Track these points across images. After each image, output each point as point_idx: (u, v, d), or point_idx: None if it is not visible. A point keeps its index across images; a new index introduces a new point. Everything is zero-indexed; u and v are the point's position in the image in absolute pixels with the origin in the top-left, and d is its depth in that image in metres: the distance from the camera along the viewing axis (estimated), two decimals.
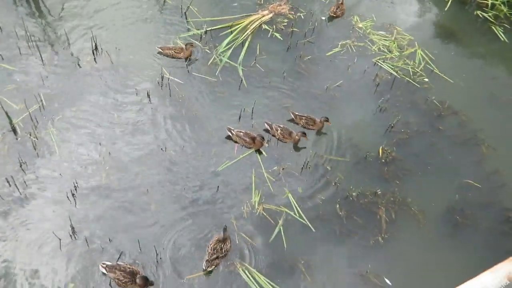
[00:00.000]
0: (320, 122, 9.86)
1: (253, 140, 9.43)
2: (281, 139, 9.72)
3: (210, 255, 7.80)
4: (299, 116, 9.93)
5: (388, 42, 12.08)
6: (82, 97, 9.96)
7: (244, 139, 9.44)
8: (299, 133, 9.59)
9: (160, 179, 8.92)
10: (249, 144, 9.47)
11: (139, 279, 7.35)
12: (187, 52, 10.82)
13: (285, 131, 9.68)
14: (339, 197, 9.06)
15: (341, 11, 12.58)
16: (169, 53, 10.80)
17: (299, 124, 9.96)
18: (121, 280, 7.38)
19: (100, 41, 10.86)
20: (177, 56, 10.83)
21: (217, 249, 7.84)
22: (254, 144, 9.45)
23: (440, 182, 9.51)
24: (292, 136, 9.68)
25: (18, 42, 10.60)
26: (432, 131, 10.32)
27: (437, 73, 11.52)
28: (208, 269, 7.80)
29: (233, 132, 9.49)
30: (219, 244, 7.89)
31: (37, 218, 8.17)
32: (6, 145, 8.96)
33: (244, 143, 9.48)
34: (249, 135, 9.48)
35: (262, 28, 11.99)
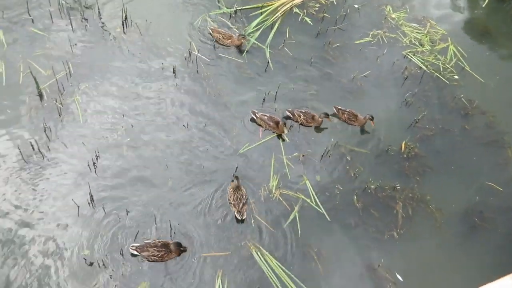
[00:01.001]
0: (364, 119, 9.69)
1: (276, 124, 9.39)
2: (305, 124, 9.66)
3: (237, 206, 8.18)
4: (341, 110, 9.76)
5: (420, 35, 11.82)
6: (108, 67, 10.00)
7: (268, 123, 9.41)
8: (321, 115, 9.56)
9: (179, 155, 8.96)
10: (272, 128, 9.44)
11: (173, 245, 7.49)
12: (236, 42, 10.63)
13: (308, 115, 9.64)
14: (357, 189, 9.00)
15: None
16: (217, 37, 10.63)
17: (341, 118, 9.79)
18: (156, 255, 7.50)
19: (131, 13, 10.85)
20: (223, 42, 10.63)
21: (238, 197, 8.22)
22: (277, 128, 9.41)
23: (461, 182, 9.37)
24: (315, 119, 9.64)
25: (50, 8, 10.64)
26: (457, 129, 10.13)
27: (468, 71, 11.25)
28: (243, 218, 8.18)
29: (257, 115, 9.45)
30: (237, 192, 8.26)
31: (58, 183, 8.31)
32: (32, 109, 9.08)
33: (268, 127, 9.44)
34: (273, 119, 9.44)
35: (293, 11, 11.82)
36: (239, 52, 10.73)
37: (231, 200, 8.31)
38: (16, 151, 8.49)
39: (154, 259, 7.56)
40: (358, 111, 9.95)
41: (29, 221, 7.81)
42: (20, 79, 9.39)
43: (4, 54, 9.74)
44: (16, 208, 7.91)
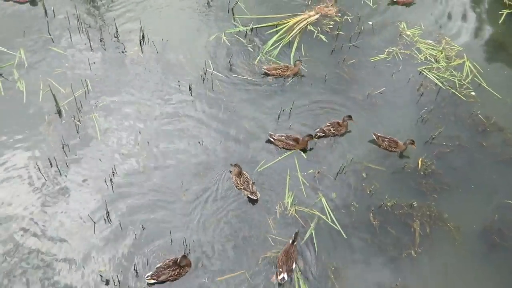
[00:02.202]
0: (404, 145, 9.59)
1: (296, 141, 9.43)
2: (336, 134, 9.80)
3: (248, 188, 8.59)
4: (381, 137, 9.70)
5: (436, 52, 11.79)
6: (126, 85, 10.16)
7: (288, 142, 9.43)
8: (345, 118, 9.74)
9: (194, 172, 9.01)
10: (293, 146, 9.46)
11: (181, 259, 7.48)
12: (295, 69, 10.69)
13: (335, 125, 9.78)
14: (373, 206, 8.92)
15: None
16: (276, 73, 10.61)
17: (381, 146, 9.70)
18: (174, 275, 7.52)
19: (148, 32, 11.04)
20: (284, 74, 10.63)
21: (245, 181, 8.65)
22: (298, 145, 9.45)
23: (480, 200, 9.24)
24: (342, 124, 9.79)
25: (70, 28, 10.89)
26: (475, 146, 10.02)
27: (485, 87, 11.17)
28: (258, 197, 8.58)
29: (274, 137, 9.46)
30: (242, 177, 8.67)
31: (75, 199, 8.40)
32: (51, 127, 9.24)
33: (288, 146, 9.45)
34: (290, 137, 9.47)
35: (307, 29, 11.91)
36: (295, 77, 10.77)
37: (239, 186, 8.68)
38: (35, 168, 8.62)
39: (174, 278, 7.55)
40: (373, 128, 9.93)
41: (46, 237, 7.88)
42: (40, 97, 9.58)
43: (25, 73, 9.97)
44: (33, 223, 8.01)
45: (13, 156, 8.76)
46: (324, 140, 9.75)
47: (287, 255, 7.85)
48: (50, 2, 11.38)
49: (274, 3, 12.38)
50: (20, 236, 7.84)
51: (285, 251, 7.90)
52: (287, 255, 7.86)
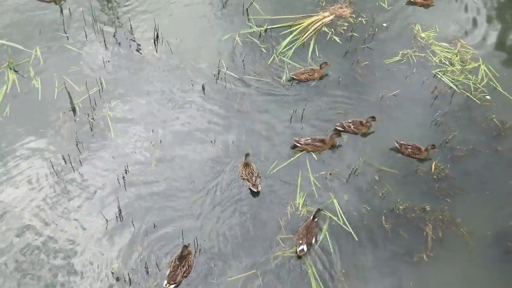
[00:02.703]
0: (426, 151, 9.50)
1: (323, 142, 9.46)
2: (355, 132, 9.79)
3: (251, 180, 8.74)
4: (404, 145, 9.60)
5: (451, 55, 11.69)
6: (139, 84, 10.22)
7: (315, 144, 9.43)
8: (368, 119, 9.74)
9: (206, 171, 9.02)
10: (321, 147, 9.47)
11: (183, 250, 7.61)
12: (321, 71, 10.69)
13: (356, 123, 9.78)
14: (385, 209, 8.86)
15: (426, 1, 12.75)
16: (303, 78, 10.62)
17: (404, 153, 9.60)
18: (186, 271, 7.59)
19: (162, 31, 11.09)
20: (312, 78, 10.65)
21: (249, 172, 8.81)
22: (325, 145, 9.48)
23: (493, 205, 9.12)
24: (364, 124, 9.80)
25: (85, 27, 10.98)
26: (489, 150, 9.91)
27: (500, 91, 11.04)
28: (258, 190, 8.73)
29: (301, 143, 9.45)
30: (248, 168, 8.83)
31: (87, 197, 8.47)
32: (65, 124, 9.32)
33: (317, 148, 9.45)
34: (317, 139, 9.48)
35: (321, 30, 11.87)
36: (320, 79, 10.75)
37: (243, 176, 8.81)
38: (48, 164, 8.70)
39: (188, 272, 7.64)
40: (387, 131, 9.88)
41: (58, 234, 7.95)
42: (55, 95, 9.67)
43: (40, 70, 10.08)
44: (45, 220, 8.08)
45: (27, 153, 8.86)
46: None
47: (307, 230, 8.18)
48: (67, 1, 11.47)
49: (288, 4, 12.36)
50: (33, 232, 7.91)
51: (306, 226, 8.23)
52: (308, 229, 8.18)
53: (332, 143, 9.56)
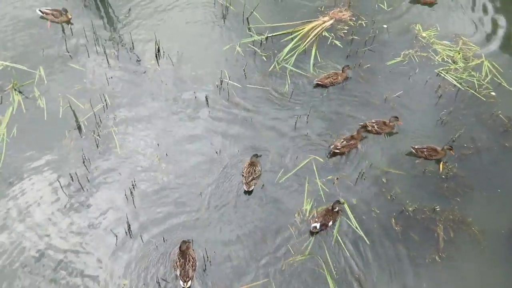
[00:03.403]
0: (443, 151, 9.44)
1: (354, 138, 9.65)
2: (378, 132, 9.87)
3: (247, 178, 8.81)
4: (419, 149, 9.55)
5: (453, 53, 11.64)
6: (143, 98, 10.28)
7: (350, 144, 9.58)
8: (391, 119, 9.83)
9: (213, 182, 9.03)
10: (354, 145, 9.65)
11: (181, 245, 7.74)
12: (344, 74, 10.75)
13: (380, 123, 9.85)
14: (395, 211, 8.81)
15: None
16: (328, 82, 10.67)
17: (421, 157, 9.56)
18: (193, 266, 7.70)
19: (163, 45, 11.16)
20: (336, 82, 10.71)
21: (250, 172, 8.87)
22: (356, 140, 9.66)
23: (504, 202, 9.04)
24: (388, 124, 9.85)
25: (87, 45, 11.09)
26: (497, 147, 9.83)
27: (505, 87, 10.97)
28: (249, 190, 8.79)
29: (338, 147, 9.50)
30: (252, 167, 8.92)
31: (96, 214, 8.50)
32: (71, 142, 9.39)
33: (352, 146, 9.62)
34: (348, 138, 9.63)
35: (322, 35, 11.88)
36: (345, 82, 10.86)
37: (243, 173, 8.93)
38: (56, 183, 8.76)
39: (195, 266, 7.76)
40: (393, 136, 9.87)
41: (68, 251, 7.98)
42: (60, 113, 9.75)
43: (45, 90, 10.17)
44: (55, 238, 8.12)
45: (35, 172, 8.92)
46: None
47: (326, 212, 8.48)
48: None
49: (288, 10, 12.39)
50: (43, 249, 7.95)
51: (327, 209, 8.53)
52: (327, 212, 8.47)
53: (360, 139, 9.71)
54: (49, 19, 11.37)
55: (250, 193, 8.86)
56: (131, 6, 12.14)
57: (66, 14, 11.33)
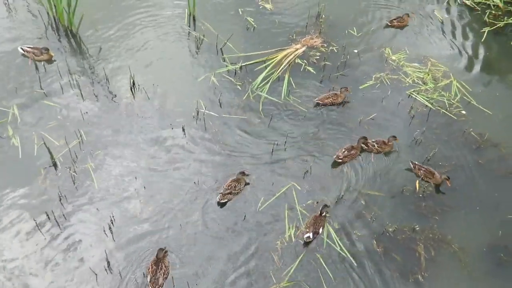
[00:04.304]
0: (440, 178, 9.46)
1: (354, 148, 9.94)
2: (380, 151, 10.13)
3: (224, 190, 9.03)
4: (418, 166, 9.66)
5: (423, 74, 11.97)
6: (119, 132, 10.23)
7: (351, 154, 9.89)
8: (390, 138, 10.12)
9: (193, 214, 8.96)
10: (355, 154, 9.96)
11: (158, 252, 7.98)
12: (343, 96, 11.00)
13: (380, 143, 10.06)
14: (376, 233, 8.86)
15: (401, 23, 13.17)
16: (328, 102, 10.94)
17: (417, 174, 9.66)
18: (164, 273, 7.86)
19: (138, 78, 11.20)
20: (336, 102, 10.98)
21: (231, 186, 9.09)
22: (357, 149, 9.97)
23: (482, 218, 9.19)
24: (387, 143, 10.13)
25: (61, 81, 11.05)
26: (471, 164, 10.05)
27: (474, 105, 11.29)
28: (221, 201, 9.00)
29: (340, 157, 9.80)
30: (235, 183, 9.14)
31: (75, 253, 8.32)
32: (47, 180, 9.24)
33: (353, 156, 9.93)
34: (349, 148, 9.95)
35: (295, 62, 12.11)
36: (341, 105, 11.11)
37: (225, 185, 9.13)
38: (31, 222, 8.57)
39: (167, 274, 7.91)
40: (367, 155, 10.00)
41: None
42: (34, 151, 9.62)
43: (18, 128, 10.04)
44: (31, 279, 7.90)
45: (10, 212, 8.72)
46: (319, 170, 9.75)
47: (315, 220, 8.70)
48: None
49: (261, 40, 12.61)
50: None
51: (314, 217, 8.76)
52: (315, 220, 8.70)
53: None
54: (30, 57, 11.34)
55: (222, 205, 9.01)
56: (104, 41, 12.18)
57: (47, 52, 11.33)
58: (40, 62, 11.38)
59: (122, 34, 12.40)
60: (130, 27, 12.59)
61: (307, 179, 9.66)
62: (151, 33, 12.51)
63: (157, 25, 12.74)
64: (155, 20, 12.86)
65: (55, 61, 11.46)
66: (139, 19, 12.82)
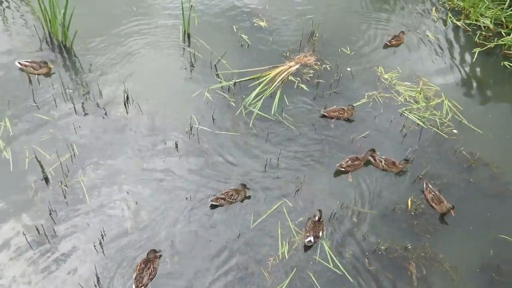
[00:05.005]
0: (446, 207, 9.31)
1: (359, 159, 10.17)
2: (387, 169, 10.21)
3: (220, 194, 9.20)
4: (430, 189, 9.59)
5: (414, 93, 12.11)
6: (112, 147, 10.19)
7: (355, 164, 10.06)
8: (402, 162, 10.15)
9: (185, 230, 8.90)
10: (359, 165, 10.14)
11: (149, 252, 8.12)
12: (349, 112, 11.12)
13: (388, 162, 10.18)
14: (368, 251, 8.84)
15: (398, 41, 13.42)
16: (334, 115, 11.09)
17: (426, 197, 9.64)
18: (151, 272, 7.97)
19: (132, 93, 11.21)
20: (341, 116, 11.10)
21: (228, 194, 9.20)
22: (361, 161, 10.18)
23: (473, 237, 9.21)
24: (396, 165, 10.15)
25: (54, 95, 11.03)
26: (463, 183, 10.10)
27: (466, 124, 11.41)
28: (212, 203, 9.17)
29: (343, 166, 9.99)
30: (233, 192, 9.25)
31: (64, 268, 8.20)
32: (37, 193, 9.15)
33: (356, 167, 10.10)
34: (354, 158, 10.14)
35: (288, 79, 12.20)
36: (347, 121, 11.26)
37: (223, 193, 9.23)
38: (21, 237, 8.46)
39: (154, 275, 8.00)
40: (358, 172, 10.04)
41: None
42: (26, 165, 9.55)
43: (10, 141, 9.98)
44: None
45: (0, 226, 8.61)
46: (310, 187, 9.75)
47: (314, 225, 8.85)
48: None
49: (255, 57, 12.72)
50: None
51: (312, 222, 8.90)
52: (314, 225, 8.85)
53: (366, 160, 10.22)
54: (29, 71, 11.32)
55: (213, 207, 9.19)
56: (98, 55, 12.21)
57: (46, 65, 11.35)
58: (38, 75, 11.36)
59: (116, 49, 12.45)
60: (124, 42, 12.66)
61: (299, 195, 9.65)
62: (146, 49, 12.59)
63: (152, 41, 12.82)
64: (149, 36, 12.96)
65: (53, 74, 11.46)
66: (133, 35, 12.91)
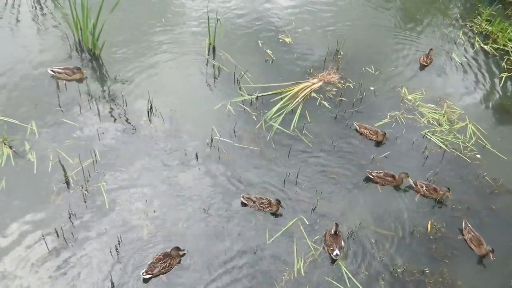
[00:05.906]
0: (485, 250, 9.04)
1: (393, 177, 10.11)
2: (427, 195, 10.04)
3: (253, 196, 9.49)
4: (469, 228, 9.33)
5: (438, 115, 11.99)
6: (133, 155, 10.32)
7: (386, 179, 10.09)
8: (443, 188, 9.97)
9: (201, 241, 8.92)
10: (390, 182, 10.13)
11: (173, 251, 8.35)
12: (380, 138, 11.08)
13: (430, 188, 10.01)
14: (384, 273, 8.71)
15: (430, 59, 13.42)
16: (364, 132, 11.18)
17: (464, 236, 9.35)
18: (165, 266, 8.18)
19: (155, 103, 11.37)
20: (370, 137, 11.13)
21: (261, 200, 9.39)
22: (395, 181, 10.13)
23: (493, 265, 8.99)
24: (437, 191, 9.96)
25: (80, 100, 11.26)
26: (485, 210, 9.92)
27: (489, 149, 11.23)
28: (242, 200, 9.48)
29: (373, 174, 10.15)
30: (266, 201, 9.40)
31: (81, 271, 8.29)
32: (59, 197, 9.31)
33: (386, 182, 10.11)
34: (388, 174, 10.15)
35: (310, 95, 12.22)
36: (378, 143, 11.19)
37: (256, 196, 9.49)
38: (40, 238, 8.59)
39: (166, 270, 8.20)
40: (380, 195, 9.93)
41: None
42: (49, 168, 9.73)
43: (35, 144, 10.19)
44: None
45: (20, 227, 8.76)
46: (329, 204, 9.70)
47: (333, 238, 8.85)
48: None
49: (278, 73, 12.78)
50: None
51: (330, 235, 8.93)
52: (334, 238, 8.85)
53: (400, 182, 10.16)
54: (62, 78, 11.60)
55: (243, 205, 9.51)
56: (125, 64, 12.45)
57: (80, 71, 11.64)
58: (71, 81, 11.63)
59: (143, 59, 12.67)
60: (151, 53, 12.87)
61: (316, 213, 9.59)
62: (172, 61, 12.78)
63: (178, 53, 13.02)
64: (176, 48, 13.16)
65: (86, 78, 11.73)
66: (161, 46, 13.13)
